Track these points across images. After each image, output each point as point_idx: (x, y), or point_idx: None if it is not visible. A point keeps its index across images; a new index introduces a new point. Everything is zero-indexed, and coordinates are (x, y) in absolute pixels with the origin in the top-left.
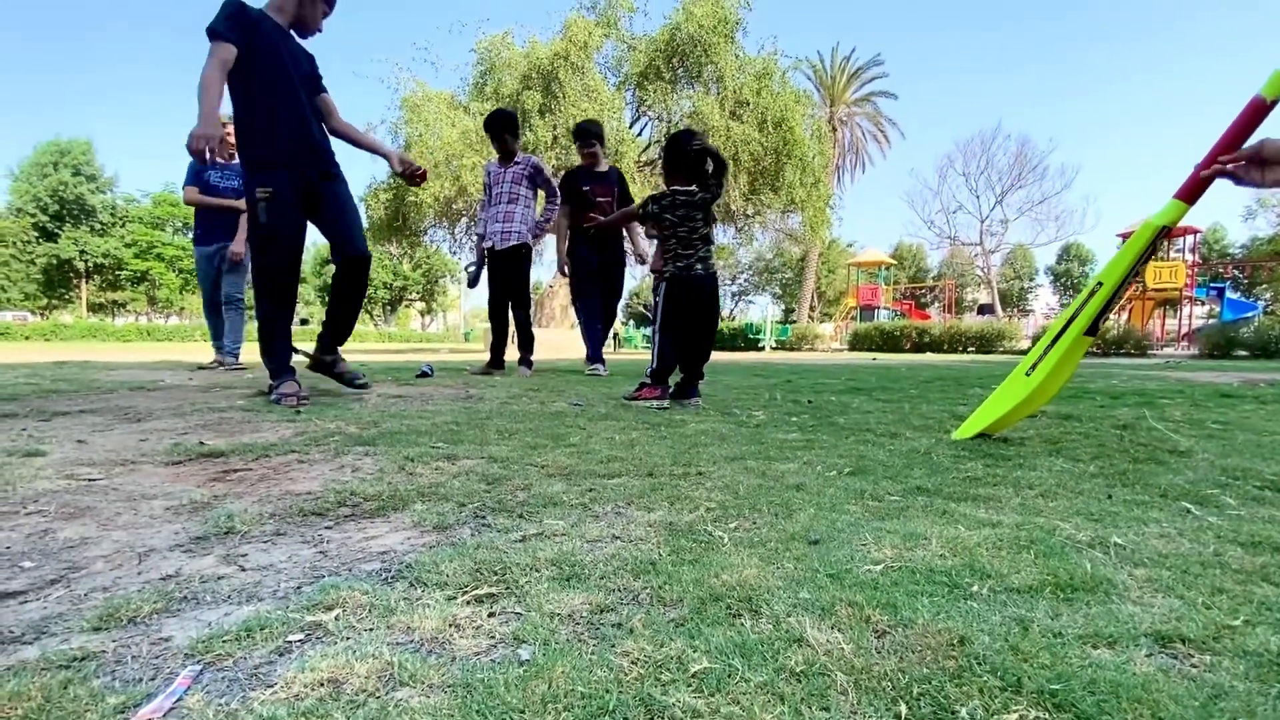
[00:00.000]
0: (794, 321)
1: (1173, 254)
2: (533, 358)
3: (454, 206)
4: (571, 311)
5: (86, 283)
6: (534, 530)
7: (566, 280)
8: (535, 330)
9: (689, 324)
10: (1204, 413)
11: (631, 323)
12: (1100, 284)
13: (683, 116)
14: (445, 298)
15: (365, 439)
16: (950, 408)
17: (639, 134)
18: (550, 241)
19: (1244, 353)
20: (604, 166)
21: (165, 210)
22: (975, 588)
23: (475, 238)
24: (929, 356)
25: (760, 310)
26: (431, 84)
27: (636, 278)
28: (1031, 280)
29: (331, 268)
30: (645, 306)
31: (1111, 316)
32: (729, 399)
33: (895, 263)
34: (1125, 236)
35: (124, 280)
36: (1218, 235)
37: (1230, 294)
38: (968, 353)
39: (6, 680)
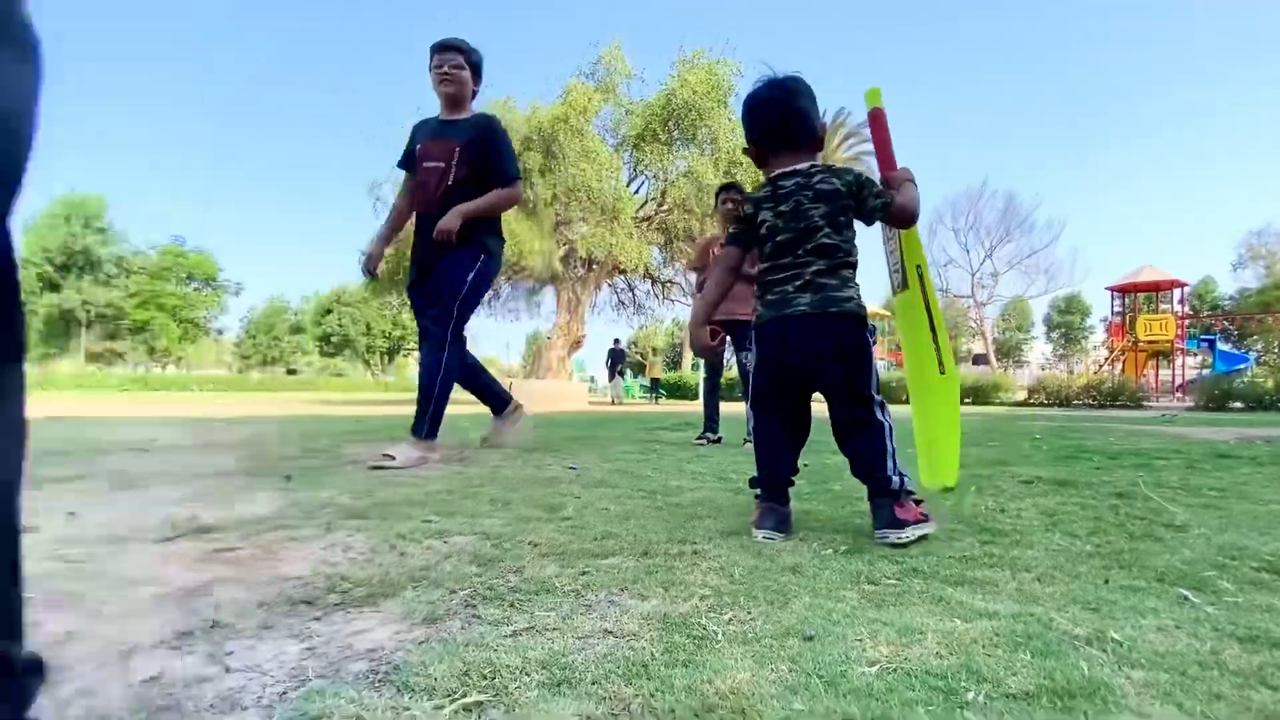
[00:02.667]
0: None
1: (1162, 307)
2: (527, 411)
3: None
4: (570, 363)
5: (87, 331)
6: (524, 623)
7: (565, 335)
8: (534, 381)
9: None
10: (1201, 477)
11: (630, 371)
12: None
13: (678, 175)
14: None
15: (358, 511)
16: (964, 470)
17: (636, 191)
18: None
19: (1239, 404)
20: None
21: (170, 261)
22: (971, 694)
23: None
24: None
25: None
26: None
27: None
28: (1028, 331)
29: (330, 316)
30: (641, 354)
31: (1105, 368)
32: (725, 463)
33: (889, 314)
34: (1115, 290)
35: (124, 330)
36: (1208, 288)
37: (1221, 345)
38: (964, 404)
39: None
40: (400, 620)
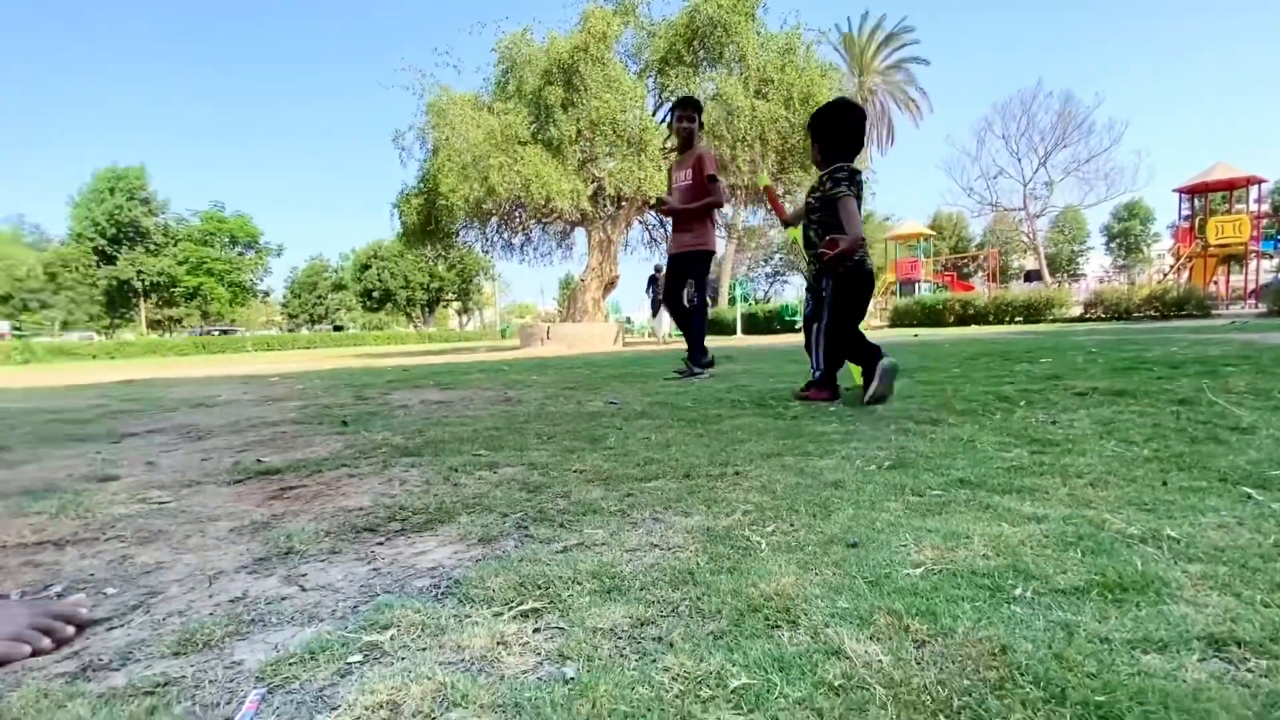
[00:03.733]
0: None
1: (1236, 208)
2: (568, 351)
3: (484, 207)
4: (605, 304)
5: (145, 301)
6: (574, 540)
7: (598, 276)
8: (569, 325)
9: (857, 319)
10: (1271, 381)
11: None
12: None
13: (706, 99)
14: (480, 296)
15: (411, 449)
16: (995, 388)
17: (662, 121)
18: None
19: None
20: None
21: (213, 226)
22: (1019, 590)
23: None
24: (974, 329)
25: (795, 291)
26: (455, 87)
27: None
28: (1083, 243)
29: (369, 272)
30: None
31: (1171, 277)
32: (765, 389)
33: (934, 233)
34: (1184, 191)
35: (178, 296)
36: None
37: None
38: (1015, 323)
39: (100, 708)
40: (457, 542)
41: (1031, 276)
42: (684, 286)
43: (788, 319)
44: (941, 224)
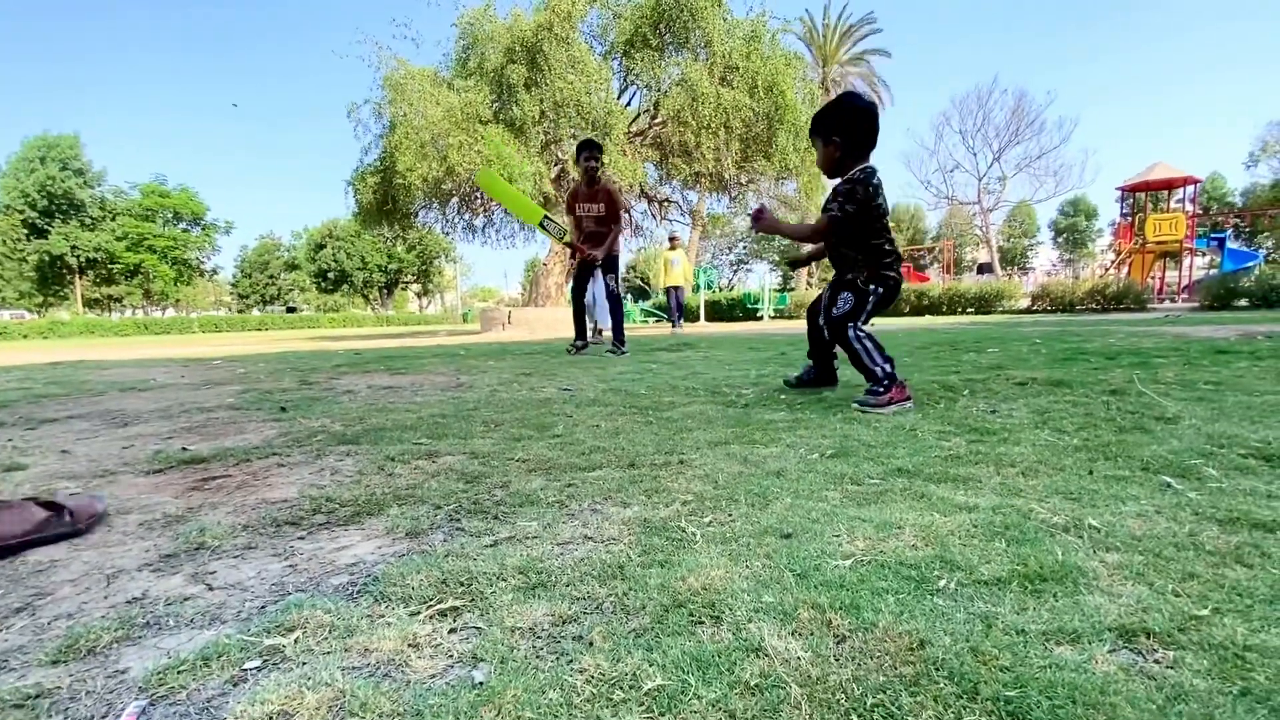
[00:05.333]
0: (792, 289)
1: (1173, 206)
2: (530, 336)
3: (443, 187)
4: (568, 289)
5: (80, 278)
6: (506, 533)
7: (562, 260)
8: (531, 310)
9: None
10: (1197, 372)
11: (630, 295)
12: None
13: (671, 84)
14: (441, 278)
15: (349, 437)
16: (941, 377)
17: (627, 104)
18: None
19: (1244, 303)
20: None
21: (154, 201)
22: (943, 581)
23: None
24: (927, 319)
25: (758, 279)
26: (413, 61)
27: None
28: (1033, 237)
29: (324, 252)
30: (641, 279)
31: (1112, 271)
32: (720, 378)
33: (893, 225)
34: (1125, 189)
35: (117, 274)
36: (1217, 185)
37: (1231, 244)
38: (967, 314)
39: None
40: (383, 536)
41: (984, 269)
42: (608, 279)
43: (750, 306)
44: (900, 216)
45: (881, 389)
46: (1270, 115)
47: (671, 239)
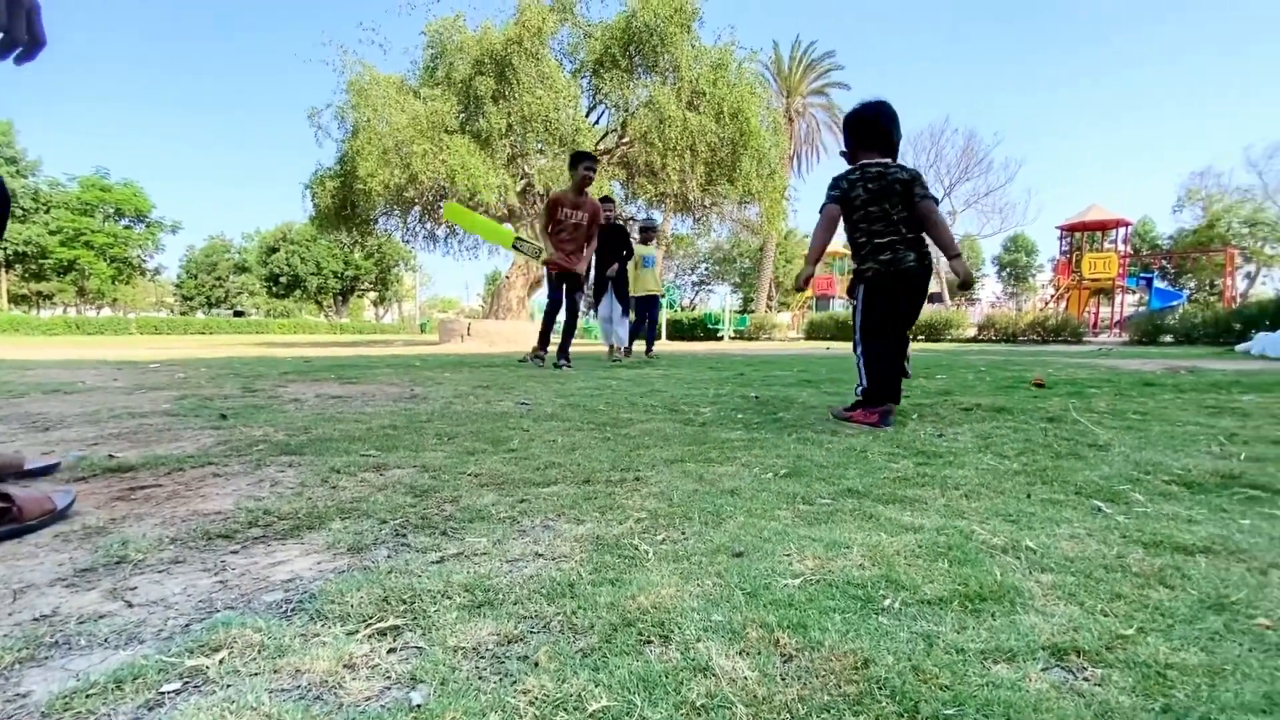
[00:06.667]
0: (752, 311)
1: (1106, 246)
2: (489, 349)
3: (405, 195)
4: (531, 303)
5: (7, 273)
6: (454, 550)
7: (524, 274)
8: (491, 322)
9: (895, 324)
10: (1127, 403)
11: (592, 313)
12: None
13: (639, 105)
14: (400, 287)
15: (292, 447)
16: (907, 399)
17: (596, 122)
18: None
19: (1169, 339)
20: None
21: (94, 195)
22: (888, 601)
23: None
24: None
25: (720, 300)
26: (380, 67)
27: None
28: (978, 270)
29: (277, 255)
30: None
31: (1051, 305)
32: (679, 396)
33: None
34: (1064, 229)
35: (49, 270)
36: (1147, 228)
37: (1158, 283)
38: (917, 340)
39: None
40: (323, 551)
41: (934, 298)
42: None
43: (710, 326)
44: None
45: (850, 406)
46: (1196, 164)
47: (645, 230)
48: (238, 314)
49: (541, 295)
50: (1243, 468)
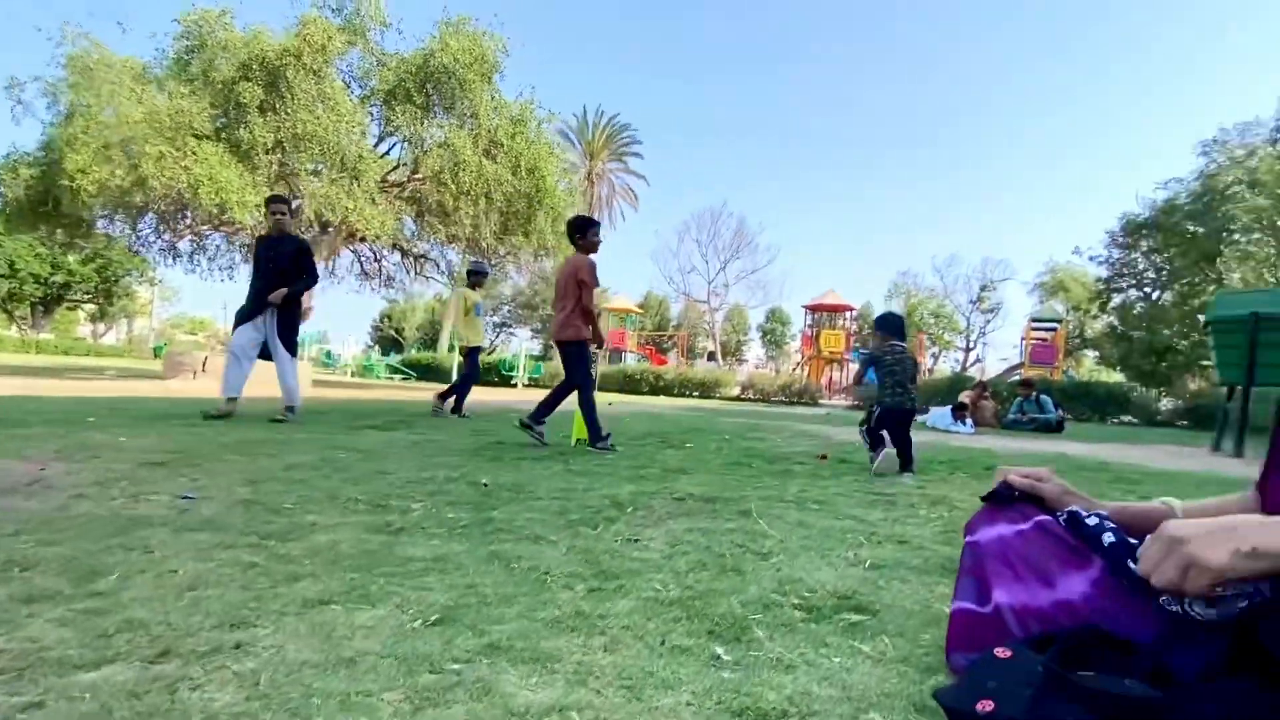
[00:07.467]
0: (550, 359)
1: (839, 324)
2: (219, 392)
3: (132, 199)
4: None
5: None
6: None
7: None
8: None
9: (896, 430)
10: (817, 486)
11: (377, 348)
12: None
13: (434, 144)
14: (131, 302)
15: None
16: (621, 488)
17: (386, 153)
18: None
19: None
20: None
21: None
22: None
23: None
24: (661, 399)
25: (519, 343)
26: (115, 47)
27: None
28: (746, 335)
29: None
30: (396, 330)
31: (797, 371)
32: (402, 480)
33: (642, 311)
34: (808, 308)
35: None
36: (868, 311)
37: None
38: (693, 397)
39: None
40: None
41: (712, 357)
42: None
43: (505, 373)
44: (652, 303)
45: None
46: (902, 265)
47: (476, 274)
48: None
49: (302, 330)
50: (859, 582)
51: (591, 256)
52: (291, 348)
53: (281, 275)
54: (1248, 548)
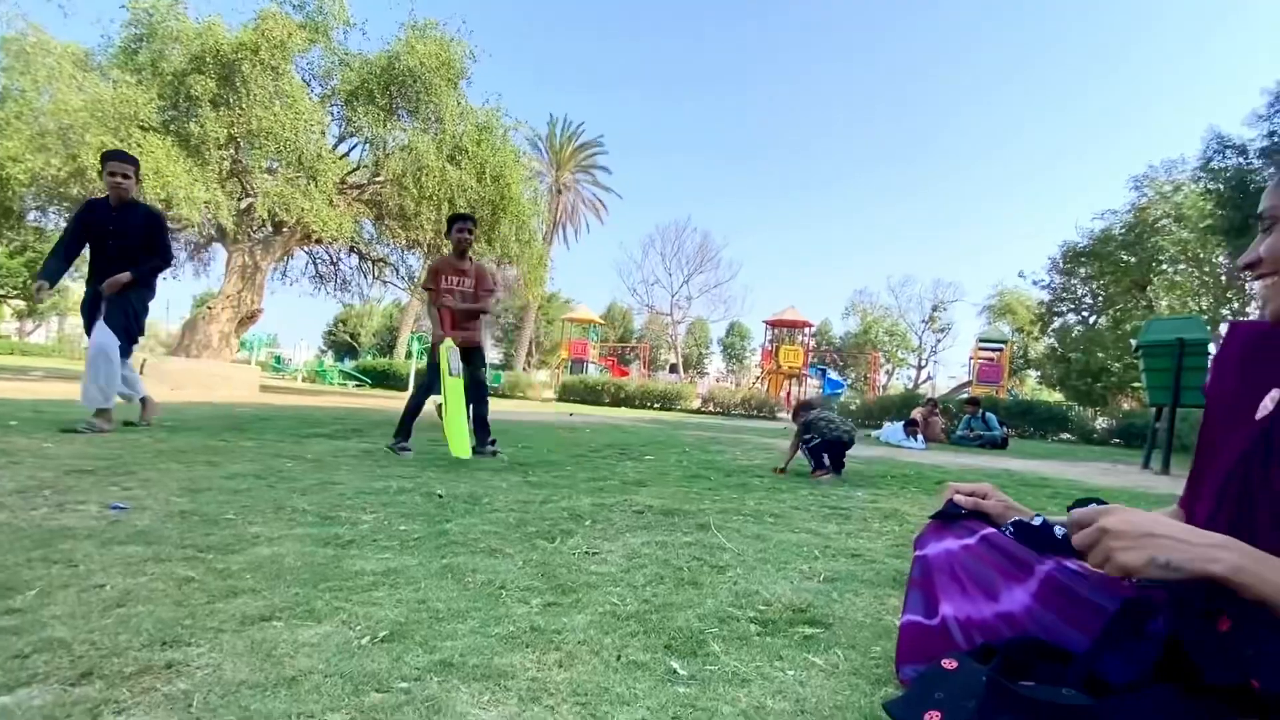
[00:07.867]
0: (510, 369)
1: (797, 340)
2: (169, 396)
3: (69, 191)
4: (236, 340)
5: None
6: None
7: (234, 306)
8: (180, 360)
9: (835, 454)
10: (773, 500)
11: (331, 353)
12: None
13: (396, 148)
14: (62, 298)
15: None
16: (580, 500)
17: (346, 154)
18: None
19: None
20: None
21: None
22: None
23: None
24: (622, 411)
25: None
26: (54, 31)
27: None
28: (707, 348)
29: None
30: (351, 335)
31: (757, 385)
32: (353, 490)
33: (605, 322)
34: (768, 323)
35: None
36: (826, 328)
37: (830, 374)
38: (654, 408)
39: None
40: None
41: (674, 370)
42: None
43: None
44: (615, 315)
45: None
46: (859, 283)
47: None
48: None
49: (251, 333)
50: (814, 595)
51: (444, 253)
52: (131, 339)
53: (128, 255)
54: (1163, 560)
